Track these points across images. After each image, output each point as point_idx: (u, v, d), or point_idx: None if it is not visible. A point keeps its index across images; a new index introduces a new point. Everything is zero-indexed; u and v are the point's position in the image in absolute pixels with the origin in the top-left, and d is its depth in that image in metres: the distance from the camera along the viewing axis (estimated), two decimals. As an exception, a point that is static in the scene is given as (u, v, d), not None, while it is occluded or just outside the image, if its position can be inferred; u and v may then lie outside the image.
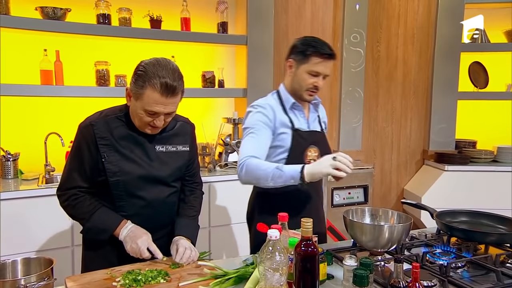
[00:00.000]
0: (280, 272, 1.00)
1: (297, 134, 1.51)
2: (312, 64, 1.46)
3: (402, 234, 1.26)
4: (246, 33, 2.75)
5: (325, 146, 1.59)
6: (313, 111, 1.61)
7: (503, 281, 1.13)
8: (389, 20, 3.24)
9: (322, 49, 1.44)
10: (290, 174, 1.34)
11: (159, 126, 1.29)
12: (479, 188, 2.94)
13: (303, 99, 1.53)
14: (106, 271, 1.25)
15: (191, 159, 1.47)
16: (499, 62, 3.26)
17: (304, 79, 1.48)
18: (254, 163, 1.39)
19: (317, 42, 1.47)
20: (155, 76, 1.20)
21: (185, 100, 2.81)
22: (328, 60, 1.46)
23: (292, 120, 1.53)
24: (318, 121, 1.62)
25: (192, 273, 1.25)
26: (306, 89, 1.50)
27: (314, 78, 1.48)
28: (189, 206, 1.51)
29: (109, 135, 1.30)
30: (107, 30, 2.39)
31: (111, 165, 1.30)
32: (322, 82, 1.49)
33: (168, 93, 1.22)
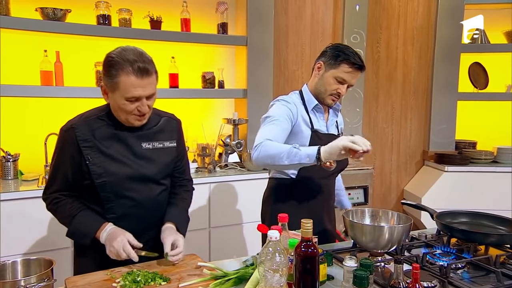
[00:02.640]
0: (280, 273, 1.00)
1: (316, 135, 1.54)
2: (340, 71, 1.49)
3: (402, 235, 1.26)
4: (246, 34, 2.75)
5: None
6: (333, 116, 1.65)
7: (503, 282, 1.13)
8: (389, 21, 3.24)
9: (353, 58, 1.47)
10: (307, 153, 1.32)
11: (145, 112, 1.26)
12: (479, 189, 2.93)
13: (325, 103, 1.56)
14: (106, 272, 1.25)
15: (179, 155, 1.45)
16: (499, 63, 3.26)
17: (330, 83, 1.51)
18: (270, 143, 1.38)
19: (350, 51, 1.50)
20: (125, 61, 1.19)
21: (185, 101, 2.88)
22: (357, 70, 1.49)
23: (312, 120, 1.56)
24: (336, 125, 1.66)
25: (192, 274, 1.25)
26: (329, 94, 1.53)
27: (339, 85, 1.51)
28: (180, 198, 1.48)
29: (91, 136, 1.28)
30: (107, 31, 2.39)
31: (96, 167, 1.27)
32: (345, 90, 1.52)
33: (143, 74, 1.20)
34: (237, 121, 2.73)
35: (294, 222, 1.14)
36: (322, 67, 1.53)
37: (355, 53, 1.50)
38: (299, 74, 3.13)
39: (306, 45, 3.13)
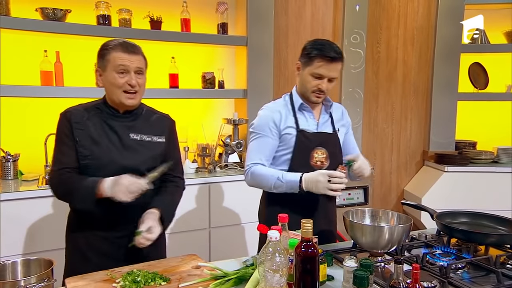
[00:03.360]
0: (280, 273, 1.00)
1: (302, 135, 1.53)
2: (315, 67, 1.47)
3: (402, 235, 1.26)
4: (246, 34, 2.75)
5: (335, 148, 1.59)
6: (325, 113, 1.62)
7: (503, 282, 1.13)
8: (389, 21, 3.24)
9: (325, 52, 1.44)
10: (290, 185, 1.45)
11: (134, 85, 1.34)
12: (479, 189, 2.93)
13: (311, 100, 1.55)
14: (106, 272, 1.25)
15: (169, 152, 1.47)
16: (499, 63, 3.25)
17: (308, 81, 1.50)
18: (258, 171, 1.52)
19: (323, 45, 1.47)
20: (114, 42, 1.36)
21: (185, 101, 2.88)
22: (331, 63, 1.45)
23: (299, 121, 1.55)
24: (330, 122, 1.62)
25: (192, 274, 1.26)
26: (311, 91, 1.52)
27: (318, 81, 1.49)
28: (170, 191, 1.49)
29: (85, 120, 1.38)
30: (107, 31, 2.39)
31: (83, 148, 1.35)
32: (327, 84, 1.49)
33: (129, 49, 1.34)
34: (237, 121, 2.73)
35: (290, 223, 1.15)
36: (300, 66, 1.54)
37: (330, 45, 1.47)
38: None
39: (306, 45, 3.12)
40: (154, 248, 1.40)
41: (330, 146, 1.56)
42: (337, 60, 1.46)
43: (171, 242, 2.38)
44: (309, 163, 1.51)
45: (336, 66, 1.47)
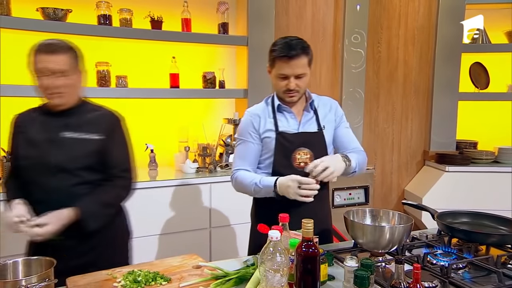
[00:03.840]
0: (281, 273, 1.00)
1: (282, 137, 1.50)
2: (277, 68, 1.45)
3: (403, 235, 1.26)
4: (247, 33, 2.75)
5: (320, 147, 1.54)
6: (308, 110, 1.56)
7: (504, 282, 1.13)
8: (389, 21, 3.24)
9: (283, 51, 1.41)
10: (267, 190, 1.46)
11: (53, 86, 1.34)
12: (480, 189, 2.93)
13: (286, 101, 1.52)
14: (107, 272, 1.26)
15: (107, 149, 1.42)
16: (500, 62, 3.25)
17: (276, 83, 1.49)
18: (240, 177, 1.52)
19: (280, 45, 1.44)
20: (40, 43, 1.36)
21: (186, 101, 2.88)
22: (291, 60, 1.41)
23: (278, 123, 1.52)
24: (315, 119, 1.56)
25: (192, 274, 1.26)
26: (282, 92, 1.49)
27: (285, 81, 1.45)
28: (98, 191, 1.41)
29: (25, 123, 1.42)
30: (108, 31, 2.39)
31: (17, 149, 1.41)
32: (296, 82, 1.45)
33: (47, 50, 1.33)
34: (237, 121, 2.72)
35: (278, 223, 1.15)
36: (269, 70, 1.52)
37: (289, 43, 1.42)
38: (300, 74, 3.12)
39: (306, 45, 3.12)
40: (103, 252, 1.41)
41: (315, 146, 1.52)
42: (297, 56, 1.41)
43: (172, 242, 2.39)
44: (293, 165, 1.48)
45: (298, 63, 1.42)
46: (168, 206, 2.40)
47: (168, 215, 2.39)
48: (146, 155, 2.64)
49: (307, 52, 1.44)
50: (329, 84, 3.21)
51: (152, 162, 2.63)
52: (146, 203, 2.33)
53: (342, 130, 1.62)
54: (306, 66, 1.45)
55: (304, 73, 1.45)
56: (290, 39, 1.46)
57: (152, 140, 2.67)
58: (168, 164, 2.79)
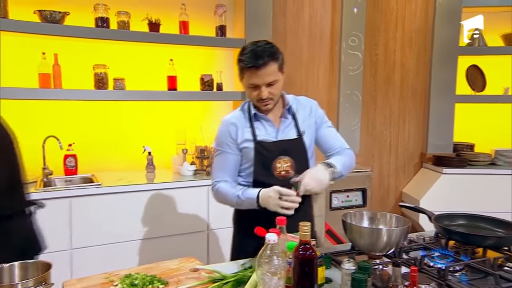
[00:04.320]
0: (278, 276, 1.00)
1: (260, 146, 1.45)
2: (246, 78, 1.39)
3: (400, 238, 1.26)
4: (245, 36, 2.75)
5: (301, 153, 1.49)
6: (286, 116, 1.50)
7: (501, 285, 1.13)
8: (387, 23, 3.25)
9: (249, 61, 1.35)
10: (249, 202, 1.43)
11: None
12: (477, 191, 2.94)
13: (262, 109, 1.46)
14: (104, 275, 1.25)
15: None
16: (496, 65, 3.26)
17: (248, 92, 1.44)
18: (221, 190, 1.50)
19: (247, 53, 1.37)
20: None
21: (184, 103, 2.88)
22: (259, 69, 1.34)
23: (256, 131, 1.47)
24: (294, 125, 1.51)
25: (190, 277, 1.25)
26: (256, 102, 1.44)
27: (256, 90, 1.40)
28: None
29: None
30: (106, 34, 2.39)
31: None
32: (268, 90, 1.38)
33: None
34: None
35: (265, 227, 1.15)
36: (241, 79, 1.45)
37: (254, 50, 1.35)
38: (298, 77, 3.13)
39: (304, 48, 3.13)
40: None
41: (295, 153, 1.47)
42: (265, 65, 1.34)
43: (169, 244, 2.38)
44: (273, 174, 1.44)
45: (267, 71, 1.35)
46: (166, 208, 2.39)
47: (165, 217, 2.39)
48: (143, 158, 2.64)
49: (275, 57, 1.37)
50: (327, 86, 3.21)
51: (149, 165, 2.62)
52: (144, 205, 2.33)
53: (325, 130, 1.56)
54: (276, 73, 1.39)
55: (275, 80, 1.39)
56: (257, 45, 1.38)
57: (149, 143, 2.67)
58: (165, 166, 2.78)
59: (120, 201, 2.28)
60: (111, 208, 2.26)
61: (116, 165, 2.68)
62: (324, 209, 2.73)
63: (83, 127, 2.61)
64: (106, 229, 2.24)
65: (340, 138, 1.59)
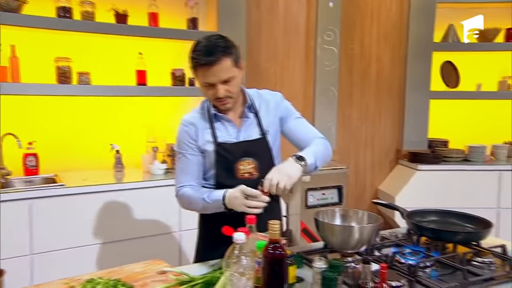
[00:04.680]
0: (247, 276, 0.98)
1: (221, 149, 1.39)
2: (200, 77, 1.31)
3: (372, 235, 1.26)
4: (218, 29, 2.68)
5: (265, 154, 1.42)
6: (247, 117, 1.42)
7: (468, 279, 1.14)
8: (362, 18, 3.25)
9: (201, 59, 1.27)
10: (216, 206, 1.36)
11: None
12: (451, 187, 2.98)
13: (221, 109, 1.39)
14: (64, 281, 1.20)
15: None
16: (469, 61, 3.31)
17: (204, 92, 1.36)
18: (186, 195, 1.42)
19: (198, 51, 1.29)
20: None
21: (154, 99, 2.79)
22: (212, 67, 1.26)
23: (216, 132, 1.40)
24: (257, 123, 1.43)
25: (156, 280, 1.21)
26: (213, 100, 1.36)
27: (212, 89, 1.32)
28: None
29: None
30: (69, 24, 2.27)
31: None
32: (225, 88, 1.31)
33: None
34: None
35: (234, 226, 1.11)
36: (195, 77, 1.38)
37: (206, 47, 1.28)
38: (273, 71, 3.09)
39: (279, 42, 3.09)
40: None
41: (258, 154, 1.40)
42: (218, 61, 1.26)
43: (140, 247, 2.30)
44: (237, 177, 1.38)
45: (221, 67, 1.27)
46: (136, 209, 2.30)
47: (135, 219, 2.30)
48: (111, 156, 2.55)
49: (229, 52, 1.29)
50: (302, 81, 3.19)
51: (117, 164, 2.54)
52: (112, 206, 2.24)
53: (293, 122, 1.48)
54: (231, 68, 1.30)
55: (231, 76, 1.30)
56: (209, 41, 1.30)
57: (117, 141, 2.58)
58: (135, 165, 2.69)
59: (85, 202, 2.18)
60: (76, 210, 2.16)
61: (81, 165, 2.57)
62: (300, 207, 2.71)
63: (45, 124, 2.49)
64: (70, 232, 2.14)
65: (311, 128, 1.51)
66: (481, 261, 1.28)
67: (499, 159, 3.19)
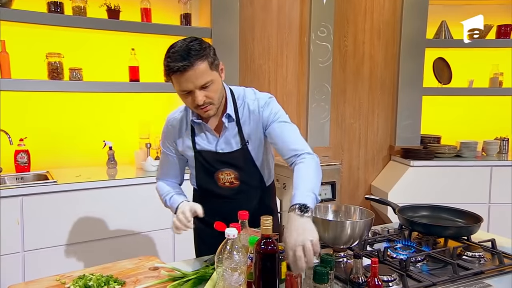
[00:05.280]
0: (239, 271, 0.97)
1: (200, 156, 1.35)
2: (176, 84, 1.21)
3: (364, 230, 1.26)
4: (211, 25, 2.66)
5: (246, 162, 1.35)
6: (229, 124, 1.33)
7: (458, 273, 1.16)
8: (356, 14, 3.25)
9: (173, 65, 1.16)
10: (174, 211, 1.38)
11: None
12: (443, 183, 3.00)
13: (203, 117, 1.29)
14: (55, 277, 1.18)
15: None
16: (461, 58, 3.33)
17: (183, 100, 1.26)
18: (158, 189, 1.47)
19: (170, 57, 1.18)
20: None
21: (147, 95, 2.77)
22: (186, 72, 1.16)
23: (196, 140, 1.34)
24: (237, 132, 1.34)
25: (149, 276, 1.21)
26: (194, 108, 1.26)
27: (189, 96, 1.21)
28: None
29: None
30: (60, 20, 2.24)
31: None
32: (204, 94, 1.20)
33: None
34: (202, 116, 2.64)
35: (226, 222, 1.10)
36: None
37: (178, 52, 1.17)
38: (266, 68, 3.08)
39: (273, 38, 3.08)
40: None
41: (239, 164, 1.34)
42: (191, 66, 1.16)
43: (133, 244, 2.29)
44: (218, 185, 1.36)
45: (196, 72, 1.17)
46: (129, 206, 2.29)
47: (129, 215, 2.29)
48: (104, 153, 2.53)
49: (203, 55, 1.18)
50: (296, 78, 3.19)
51: (110, 160, 2.52)
52: (105, 203, 2.23)
53: (276, 126, 1.32)
54: (208, 72, 1.20)
55: (209, 81, 1.20)
56: (180, 45, 1.20)
57: (110, 137, 2.56)
58: (128, 162, 2.68)
59: (78, 199, 2.16)
60: (68, 207, 2.14)
61: (73, 161, 2.55)
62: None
63: (36, 121, 2.46)
64: (62, 229, 2.12)
65: (298, 138, 1.32)
66: (471, 255, 1.29)
67: (490, 155, 3.22)
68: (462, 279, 1.14)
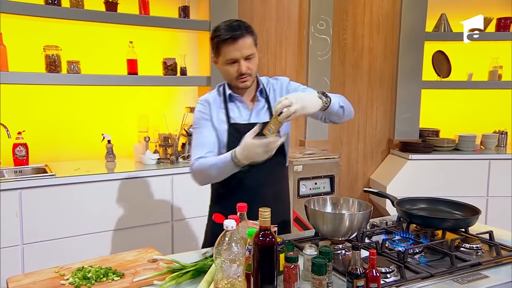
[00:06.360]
0: (237, 263, 0.97)
1: (234, 129, 1.43)
2: (223, 53, 1.37)
3: (362, 222, 1.27)
4: (209, 18, 2.65)
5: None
6: (259, 100, 1.48)
7: (456, 265, 1.16)
8: (355, 7, 3.23)
9: (225, 34, 1.34)
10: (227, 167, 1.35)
11: None
12: (441, 176, 3.01)
13: (240, 87, 1.44)
14: (54, 269, 1.19)
15: None
16: (460, 51, 3.32)
17: (226, 70, 1.40)
18: (199, 166, 1.41)
19: (222, 29, 1.37)
20: None
21: (146, 89, 2.76)
22: (236, 41, 1.34)
23: (230, 113, 1.45)
24: (267, 108, 1.48)
25: (147, 268, 1.21)
26: (235, 79, 1.41)
27: (235, 66, 1.38)
28: None
29: None
30: (57, 12, 2.22)
31: None
32: (247, 64, 1.37)
33: None
34: (201, 110, 2.64)
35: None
36: (215, 61, 1.45)
37: (229, 25, 1.36)
38: (265, 61, 3.07)
39: (271, 31, 3.06)
40: None
41: None
42: (241, 36, 1.34)
43: (132, 237, 2.30)
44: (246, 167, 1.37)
45: (245, 43, 1.35)
46: (127, 199, 2.29)
47: (127, 209, 2.29)
48: (102, 146, 2.52)
49: (251, 31, 1.38)
50: (295, 71, 3.17)
51: (109, 154, 2.51)
52: (104, 196, 2.23)
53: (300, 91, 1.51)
54: (253, 46, 1.38)
55: (252, 53, 1.38)
56: (230, 21, 1.39)
57: (109, 130, 2.55)
58: (127, 155, 2.67)
59: (76, 192, 2.16)
60: (67, 200, 2.14)
61: (72, 155, 2.55)
62: (292, 196, 2.72)
63: (34, 114, 2.45)
64: (61, 222, 2.12)
65: None
66: (469, 247, 1.30)
67: (488, 148, 3.23)
68: (460, 271, 1.14)
